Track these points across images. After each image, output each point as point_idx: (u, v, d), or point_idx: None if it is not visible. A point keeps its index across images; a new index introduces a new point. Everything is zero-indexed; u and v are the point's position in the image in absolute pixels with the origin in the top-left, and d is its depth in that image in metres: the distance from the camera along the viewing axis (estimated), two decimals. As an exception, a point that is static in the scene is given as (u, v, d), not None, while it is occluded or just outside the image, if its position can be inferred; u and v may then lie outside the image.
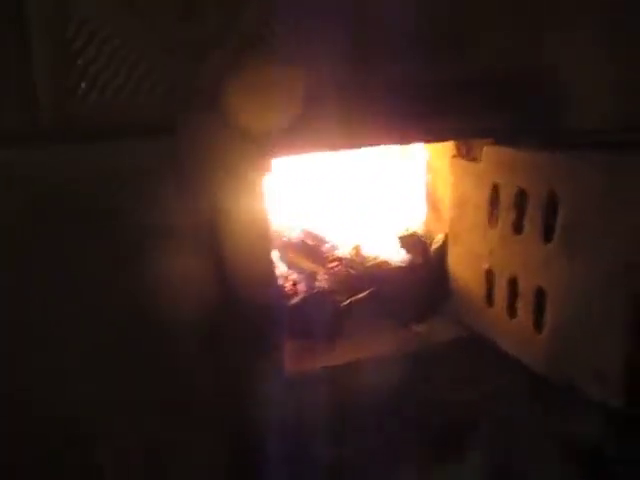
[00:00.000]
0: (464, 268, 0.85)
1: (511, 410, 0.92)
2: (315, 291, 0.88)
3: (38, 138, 0.62)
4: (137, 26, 0.62)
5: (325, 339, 0.86)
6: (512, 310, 0.77)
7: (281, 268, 0.92)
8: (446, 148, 0.91)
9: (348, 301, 0.88)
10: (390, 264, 0.94)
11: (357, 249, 0.95)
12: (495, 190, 0.77)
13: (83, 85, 0.62)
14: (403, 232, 0.98)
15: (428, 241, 0.98)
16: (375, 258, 0.95)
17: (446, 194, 0.93)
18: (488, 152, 0.78)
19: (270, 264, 0.70)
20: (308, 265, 0.93)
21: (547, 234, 0.70)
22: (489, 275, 0.80)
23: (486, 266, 0.79)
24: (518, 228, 0.74)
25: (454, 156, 0.87)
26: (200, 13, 0.65)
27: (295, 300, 0.87)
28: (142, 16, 0.62)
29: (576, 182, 0.67)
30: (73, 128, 0.63)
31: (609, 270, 0.64)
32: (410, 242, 0.96)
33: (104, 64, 0.61)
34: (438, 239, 0.95)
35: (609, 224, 0.64)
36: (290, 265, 0.93)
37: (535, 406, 0.92)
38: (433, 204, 1.00)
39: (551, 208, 0.70)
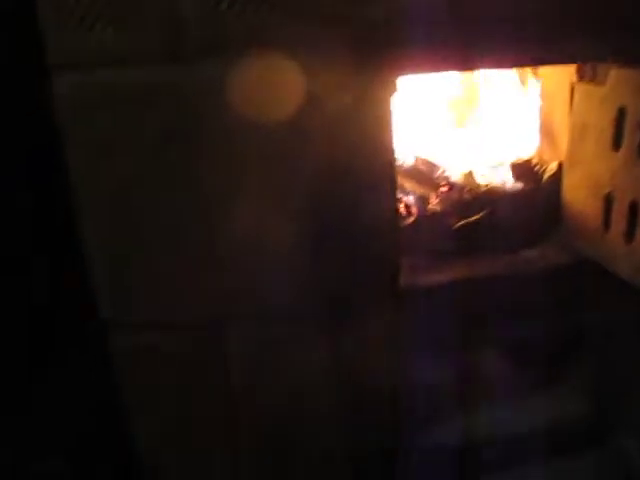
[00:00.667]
0: (582, 193, 0.86)
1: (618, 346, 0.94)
2: (428, 213, 0.92)
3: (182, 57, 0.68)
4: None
5: (437, 259, 0.90)
6: (630, 236, 0.77)
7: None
8: (564, 73, 0.90)
9: (460, 224, 0.91)
10: (502, 190, 0.96)
11: (470, 175, 0.97)
12: (621, 113, 0.76)
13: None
14: (516, 159, 0.99)
15: (541, 169, 0.98)
16: (487, 184, 0.97)
17: (563, 121, 0.93)
18: (615, 75, 0.77)
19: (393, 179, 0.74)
20: (420, 189, 0.97)
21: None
22: (608, 199, 0.80)
23: (607, 190, 0.80)
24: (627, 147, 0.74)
25: (577, 81, 0.86)
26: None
27: (408, 221, 0.91)
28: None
29: None
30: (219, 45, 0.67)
31: None
32: (522, 169, 0.97)
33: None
34: (552, 167, 0.96)
35: None
36: (402, 189, 0.97)
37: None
38: (548, 132, 0.99)
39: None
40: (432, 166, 1.00)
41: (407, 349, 0.86)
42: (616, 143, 0.78)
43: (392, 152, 0.72)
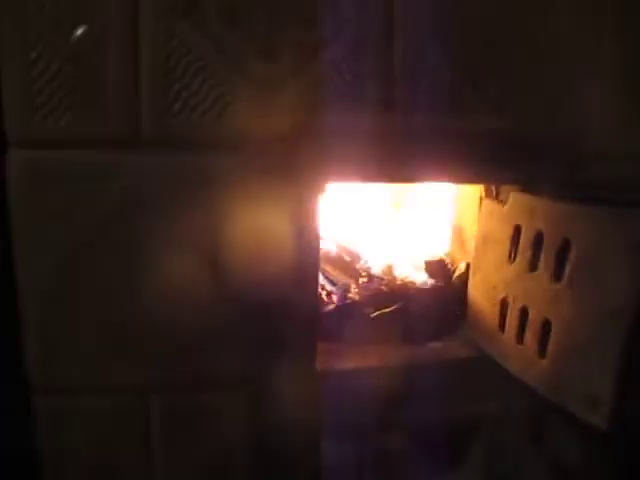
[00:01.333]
0: (481, 296, 0.96)
1: (509, 430, 1.03)
2: (348, 302, 1.00)
3: (137, 145, 0.75)
4: (223, 63, 0.75)
5: (352, 345, 0.97)
6: (520, 337, 0.87)
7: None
8: (475, 188, 1.02)
9: (375, 314, 0.99)
10: (416, 285, 1.06)
11: (389, 268, 1.07)
12: (516, 231, 0.88)
13: (177, 105, 0.75)
14: (430, 257, 1.10)
15: (451, 268, 1.09)
16: (404, 278, 1.07)
17: (470, 229, 1.05)
18: (514, 197, 0.90)
19: (316, 277, 0.82)
20: (343, 278, 1.05)
21: (557, 274, 0.81)
22: (503, 304, 0.90)
23: (501, 296, 0.90)
24: (533, 266, 0.85)
25: (483, 197, 0.98)
26: (277, 55, 0.77)
27: (329, 308, 0.99)
28: (227, 54, 0.75)
29: (587, 232, 0.78)
30: (166, 140, 0.76)
31: (607, 309, 0.74)
32: (435, 267, 1.08)
33: (194, 91, 0.74)
34: (461, 267, 1.07)
35: (611, 270, 0.75)
36: (326, 276, 1.05)
37: (533, 427, 1.03)
38: (459, 236, 1.11)
39: (563, 252, 0.81)
40: (356, 257, 1.09)
41: (322, 428, 0.92)
42: (511, 256, 0.89)
43: (317, 256, 0.80)
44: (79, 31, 0.70)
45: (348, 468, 1.00)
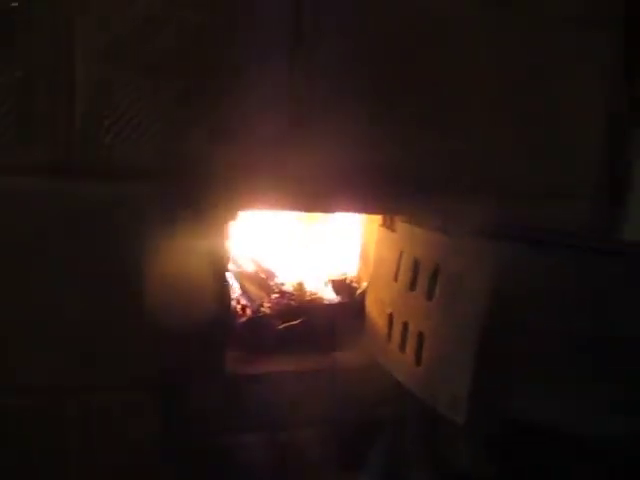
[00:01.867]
0: (375, 311, 1.10)
1: (404, 433, 1.17)
2: (260, 315, 1.13)
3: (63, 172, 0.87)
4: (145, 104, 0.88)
5: (263, 354, 1.10)
6: (403, 347, 1.02)
7: (236, 292, 1.16)
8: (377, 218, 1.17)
9: (284, 326, 1.12)
10: (323, 300, 1.19)
11: (300, 285, 1.20)
12: (400, 255, 1.03)
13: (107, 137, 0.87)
14: (335, 276, 1.23)
15: (356, 286, 1.23)
16: (313, 294, 1.20)
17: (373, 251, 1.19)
18: (400, 226, 1.05)
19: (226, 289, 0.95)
20: (257, 293, 1.18)
21: (429, 294, 0.96)
22: (390, 319, 1.05)
23: (389, 311, 1.05)
24: (412, 286, 1.00)
25: (381, 225, 1.13)
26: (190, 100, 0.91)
27: (242, 320, 1.11)
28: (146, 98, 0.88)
29: (452, 260, 0.93)
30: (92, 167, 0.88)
31: (464, 322, 0.89)
32: (339, 285, 1.22)
33: (121, 126, 0.87)
34: (363, 285, 1.21)
35: (468, 292, 0.90)
36: (242, 291, 1.18)
37: (419, 429, 1.17)
38: (365, 257, 1.26)
39: (434, 275, 0.96)
40: (270, 275, 1.22)
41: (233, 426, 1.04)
42: (396, 277, 1.04)
43: (225, 276, 0.93)
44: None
45: (253, 465, 1.12)
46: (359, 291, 1.20)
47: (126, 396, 0.95)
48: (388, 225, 1.11)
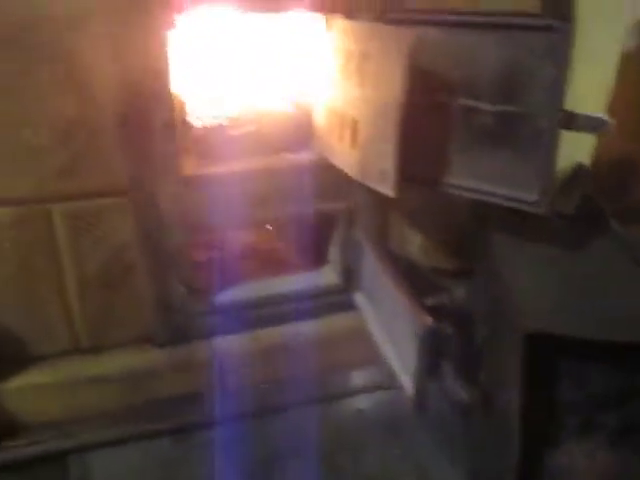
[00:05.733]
0: (321, 112, 1.21)
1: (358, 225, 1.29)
2: (216, 124, 1.23)
3: None
4: None
5: (220, 159, 1.21)
6: (341, 137, 1.13)
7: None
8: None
9: (238, 133, 1.23)
10: (272, 111, 1.29)
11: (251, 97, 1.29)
12: (336, 52, 1.11)
13: None
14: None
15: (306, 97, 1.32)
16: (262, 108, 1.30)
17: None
18: (336, 24, 1.12)
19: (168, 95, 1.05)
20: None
21: (361, 82, 1.05)
22: (332, 114, 1.15)
23: (331, 106, 1.15)
24: (348, 78, 1.09)
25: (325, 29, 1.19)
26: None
27: (199, 129, 1.22)
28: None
29: (376, 46, 1.01)
30: None
31: (388, 104, 0.99)
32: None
33: None
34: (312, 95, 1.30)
35: (389, 73, 0.98)
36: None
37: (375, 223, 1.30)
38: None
39: (363, 64, 1.04)
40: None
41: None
42: (338, 73, 1.12)
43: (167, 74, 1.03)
44: None
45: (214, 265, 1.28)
46: (307, 100, 1.29)
47: (101, 202, 1.10)
48: (329, 26, 1.17)
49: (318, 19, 1.18)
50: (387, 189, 1.04)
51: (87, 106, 1.03)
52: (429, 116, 1.06)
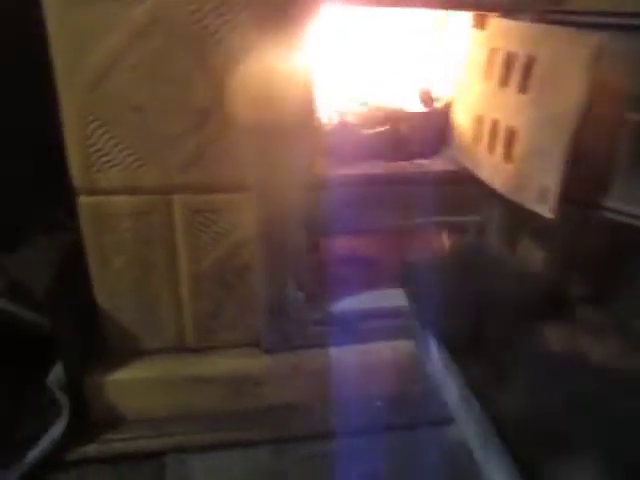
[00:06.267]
0: (462, 118, 1.10)
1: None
2: (345, 122, 1.15)
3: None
4: None
5: (349, 160, 1.13)
6: (492, 147, 1.02)
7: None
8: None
9: (370, 132, 1.14)
10: (406, 111, 1.19)
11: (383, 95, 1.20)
12: (492, 52, 1.00)
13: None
14: (422, 88, 1.22)
15: (442, 97, 1.22)
16: (397, 106, 1.20)
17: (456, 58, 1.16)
18: (494, 22, 1.01)
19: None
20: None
21: (523, 87, 0.94)
22: (479, 120, 1.04)
23: (478, 113, 1.04)
24: (505, 82, 0.98)
25: (473, 26, 1.09)
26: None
27: (329, 126, 1.14)
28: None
29: (550, 49, 0.90)
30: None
31: (560, 114, 0.88)
32: (426, 96, 1.21)
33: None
34: (448, 96, 1.20)
35: (565, 82, 0.88)
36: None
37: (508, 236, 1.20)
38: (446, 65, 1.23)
39: (528, 69, 0.93)
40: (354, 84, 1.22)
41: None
42: (487, 76, 1.02)
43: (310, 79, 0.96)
44: None
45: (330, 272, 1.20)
46: (444, 102, 1.19)
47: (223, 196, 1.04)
48: (479, 24, 1.07)
49: (459, 16, 1.08)
50: (545, 209, 0.93)
51: (221, 95, 0.96)
52: (597, 130, 0.95)
